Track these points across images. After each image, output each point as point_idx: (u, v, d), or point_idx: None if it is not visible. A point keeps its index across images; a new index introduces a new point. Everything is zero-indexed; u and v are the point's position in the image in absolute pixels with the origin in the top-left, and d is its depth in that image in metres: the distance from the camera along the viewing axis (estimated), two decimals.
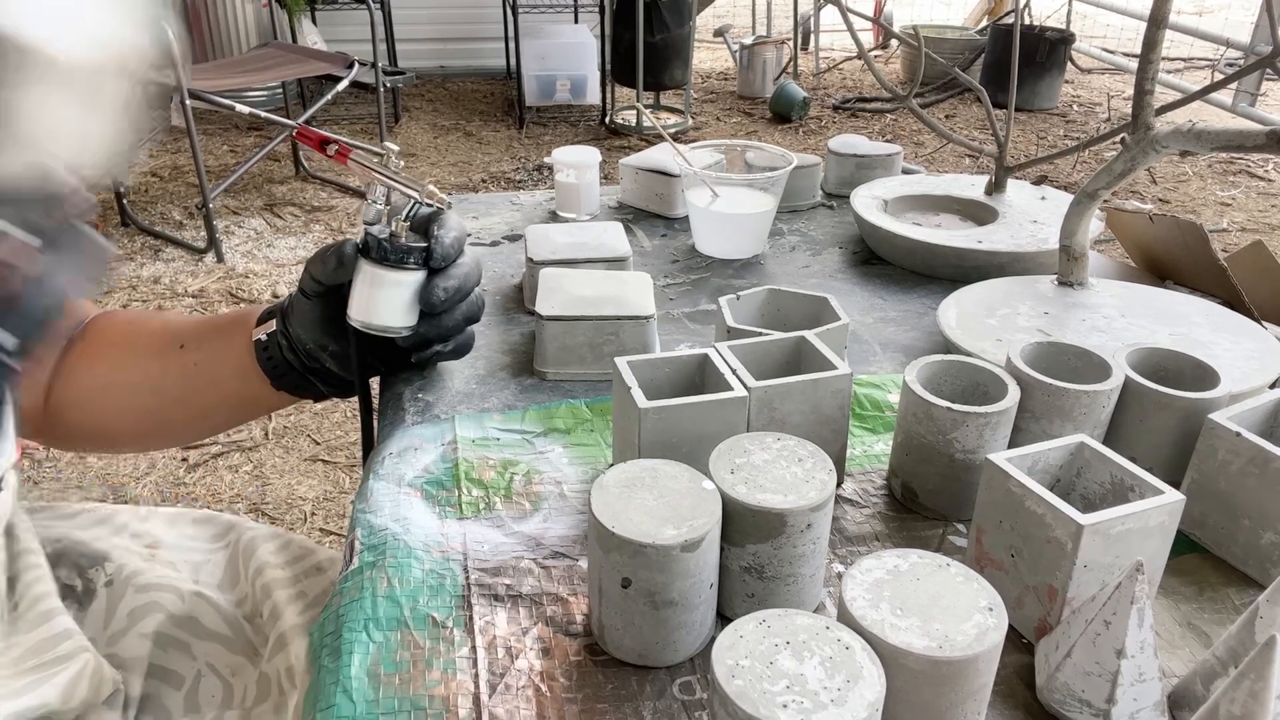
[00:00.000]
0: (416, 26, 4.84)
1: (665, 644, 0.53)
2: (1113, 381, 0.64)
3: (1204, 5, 6.33)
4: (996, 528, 0.55)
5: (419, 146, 4.02)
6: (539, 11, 4.53)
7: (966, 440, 0.62)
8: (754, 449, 0.57)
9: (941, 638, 0.44)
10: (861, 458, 0.71)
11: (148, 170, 3.59)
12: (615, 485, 0.53)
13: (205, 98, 2.87)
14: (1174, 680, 0.52)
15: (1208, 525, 0.62)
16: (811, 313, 0.78)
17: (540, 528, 0.64)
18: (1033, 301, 0.88)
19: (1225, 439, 0.59)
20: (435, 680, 0.52)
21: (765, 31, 5.24)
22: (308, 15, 4.28)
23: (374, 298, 0.69)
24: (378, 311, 0.69)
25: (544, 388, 0.80)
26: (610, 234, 0.98)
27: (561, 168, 1.15)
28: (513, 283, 1.01)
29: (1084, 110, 4.59)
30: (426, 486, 0.67)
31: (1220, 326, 0.83)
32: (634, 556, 0.50)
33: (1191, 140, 0.74)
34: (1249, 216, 3.38)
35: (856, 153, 1.24)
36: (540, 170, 3.74)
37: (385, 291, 0.69)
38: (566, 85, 4.20)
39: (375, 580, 0.59)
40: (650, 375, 0.65)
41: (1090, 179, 0.83)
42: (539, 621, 0.56)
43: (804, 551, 0.54)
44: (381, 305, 0.69)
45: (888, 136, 4.21)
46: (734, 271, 1.05)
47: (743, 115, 4.51)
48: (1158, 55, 0.79)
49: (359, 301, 0.70)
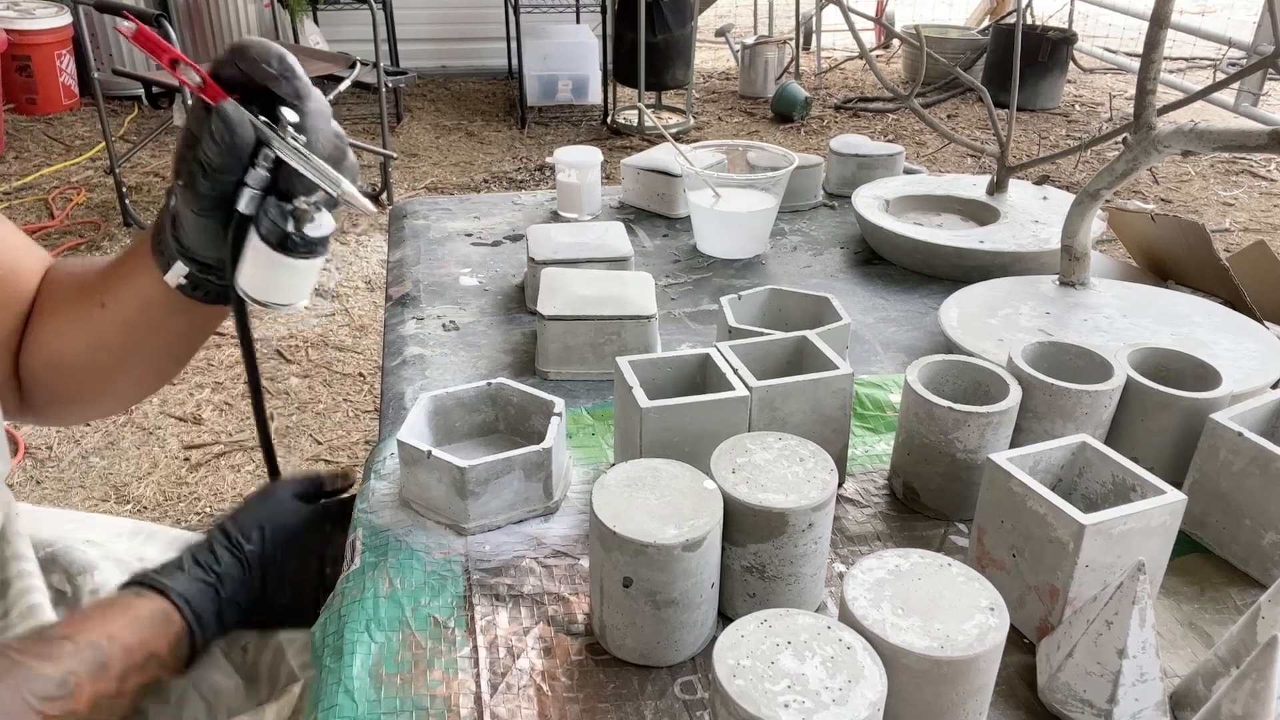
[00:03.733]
0: (418, 26, 4.84)
1: (667, 643, 0.53)
2: (1114, 381, 0.64)
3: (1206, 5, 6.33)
4: (998, 527, 0.55)
5: (421, 146, 4.02)
6: (541, 11, 4.53)
7: (968, 440, 0.62)
8: (755, 448, 0.57)
9: (943, 637, 0.44)
10: (863, 457, 0.71)
11: (149, 169, 3.59)
12: (617, 485, 0.53)
13: None
14: (1175, 680, 0.52)
15: (1209, 525, 0.62)
16: (813, 312, 0.78)
17: (542, 527, 0.64)
18: (1034, 301, 0.88)
19: (1227, 439, 0.59)
20: (437, 680, 0.52)
21: (767, 31, 5.24)
22: (310, 15, 4.28)
23: (274, 279, 0.61)
24: (278, 291, 0.62)
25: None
26: (612, 234, 0.98)
27: (563, 168, 1.15)
28: (514, 283, 1.01)
29: (1086, 110, 4.59)
30: None
31: (1222, 327, 0.83)
32: (635, 556, 0.50)
33: (1193, 140, 0.74)
34: (1251, 216, 3.38)
35: (858, 153, 1.24)
36: (542, 170, 3.74)
37: (289, 275, 0.61)
38: (568, 85, 4.20)
39: (377, 580, 0.59)
40: (652, 375, 0.65)
41: (1092, 179, 0.83)
42: (540, 621, 0.56)
43: (805, 551, 0.54)
44: (284, 287, 0.61)
45: (889, 136, 4.21)
46: (735, 271, 1.05)
47: (744, 115, 4.51)
48: (1160, 55, 0.79)
49: (259, 282, 0.61)
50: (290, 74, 0.55)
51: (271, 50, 0.55)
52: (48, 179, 3.46)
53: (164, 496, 1.95)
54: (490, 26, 4.91)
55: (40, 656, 0.56)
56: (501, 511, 0.64)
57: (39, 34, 3.94)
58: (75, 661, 0.57)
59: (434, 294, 0.98)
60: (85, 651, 0.58)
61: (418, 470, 0.63)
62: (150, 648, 0.62)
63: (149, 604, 0.63)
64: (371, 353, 2.47)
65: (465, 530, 0.63)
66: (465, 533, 0.63)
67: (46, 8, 4.01)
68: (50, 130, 3.94)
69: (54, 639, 0.58)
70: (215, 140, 0.55)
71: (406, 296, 0.98)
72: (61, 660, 0.57)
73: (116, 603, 0.63)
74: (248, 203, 0.58)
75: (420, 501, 0.65)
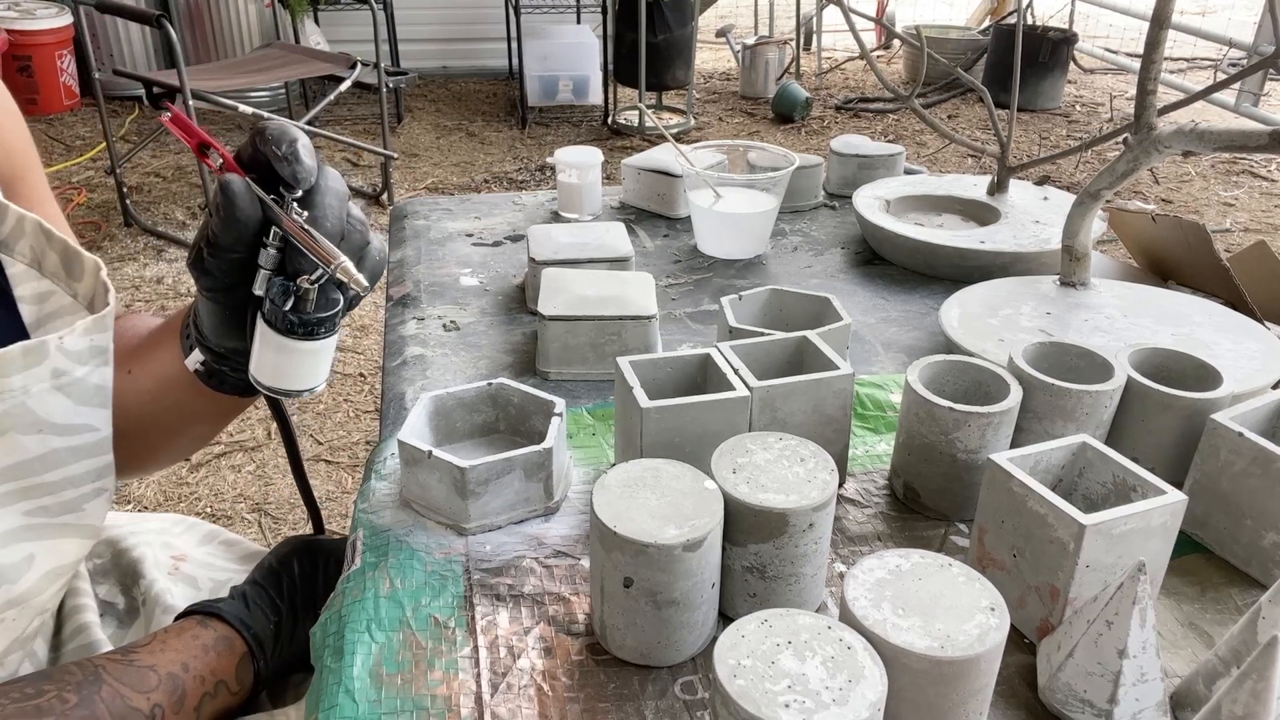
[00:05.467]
0: (419, 27, 4.84)
1: (667, 643, 0.53)
2: (1115, 382, 0.64)
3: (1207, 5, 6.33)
4: (998, 528, 0.55)
5: (421, 147, 4.02)
6: (541, 12, 4.53)
7: (969, 440, 0.62)
8: (756, 449, 0.57)
9: (943, 638, 0.44)
10: (863, 458, 0.71)
11: (150, 170, 3.59)
12: (617, 485, 0.54)
13: (208, 98, 2.88)
14: (1176, 680, 0.52)
15: (1210, 525, 0.62)
16: (813, 313, 0.78)
17: (542, 527, 0.64)
18: (1035, 302, 0.88)
19: (1228, 439, 0.59)
20: (437, 680, 0.52)
21: (767, 32, 5.24)
22: (310, 15, 4.28)
23: (282, 364, 0.58)
24: (288, 377, 0.58)
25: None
26: (612, 234, 0.98)
27: (564, 168, 1.15)
28: (515, 283, 1.01)
29: (1086, 110, 4.59)
30: None
31: (1223, 327, 0.83)
32: (636, 556, 0.50)
33: (1194, 140, 0.74)
34: (1252, 217, 3.38)
35: (859, 153, 1.24)
36: (543, 170, 3.74)
37: (296, 359, 0.58)
38: (569, 85, 4.20)
39: (377, 580, 0.59)
40: (652, 375, 0.65)
41: (1093, 179, 0.83)
42: (541, 621, 0.56)
43: (806, 551, 0.54)
44: (293, 372, 0.58)
45: (890, 137, 4.21)
46: (736, 271, 1.05)
47: (745, 115, 4.51)
48: (1160, 55, 0.79)
49: (266, 367, 0.58)
50: (293, 157, 0.54)
51: (286, 133, 0.55)
52: (48, 179, 3.46)
53: (165, 497, 1.95)
54: (491, 27, 4.91)
55: (131, 685, 0.58)
56: (502, 511, 0.64)
57: (40, 34, 3.95)
58: (160, 694, 0.59)
59: (434, 294, 0.98)
60: (167, 683, 0.60)
61: (418, 470, 0.63)
62: (220, 675, 0.63)
63: (212, 632, 0.65)
64: (372, 353, 2.47)
65: (466, 530, 0.63)
66: (466, 533, 0.63)
67: (47, 8, 4.02)
68: (51, 130, 3.94)
69: (140, 667, 0.59)
70: (218, 214, 0.54)
71: (407, 297, 0.99)
72: (150, 692, 0.58)
73: (184, 630, 0.64)
74: (260, 284, 0.57)
75: (421, 501, 0.65)
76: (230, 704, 0.65)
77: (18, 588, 0.56)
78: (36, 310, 0.58)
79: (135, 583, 0.78)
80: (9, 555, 0.55)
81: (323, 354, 0.59)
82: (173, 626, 0.66)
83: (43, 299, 0.59)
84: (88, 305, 0.59)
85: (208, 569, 0.82)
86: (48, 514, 0.57)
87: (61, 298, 0.59)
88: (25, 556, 0.56)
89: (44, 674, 0.57)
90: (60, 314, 0.59)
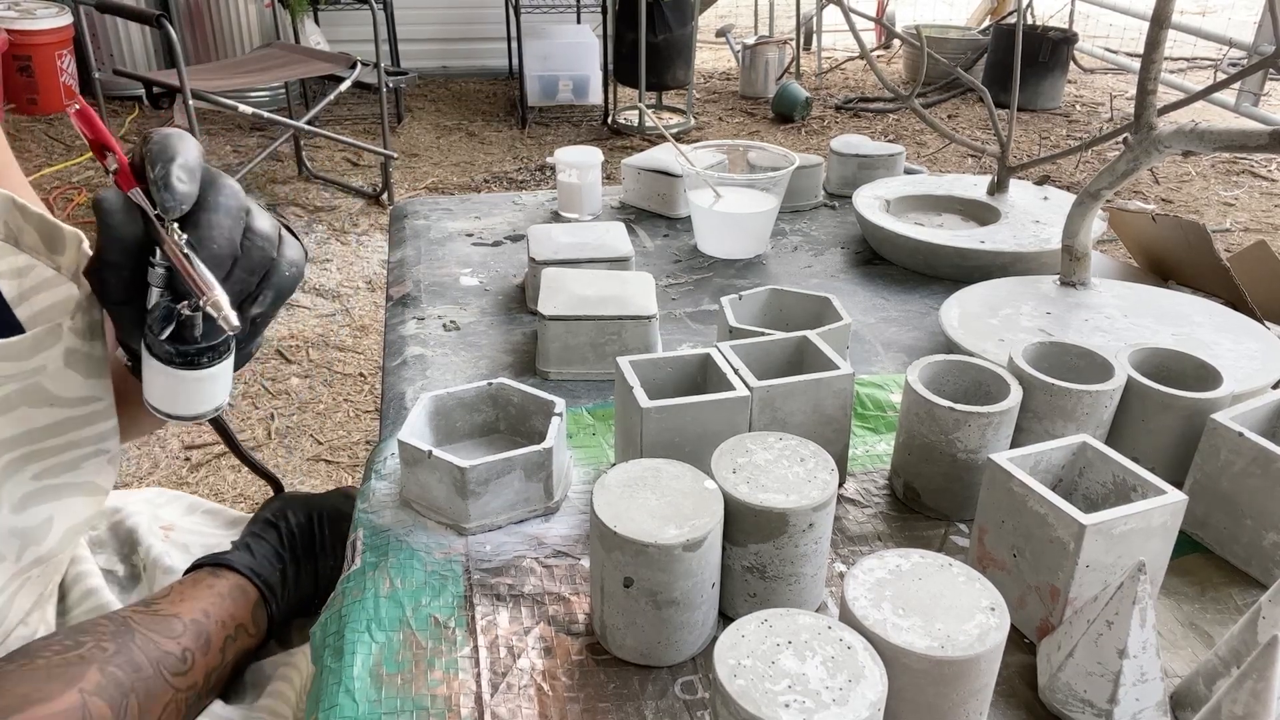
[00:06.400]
0: (419, 27, 4.84)
1: (667, 643, 0.53)
2: (1115, 382, 0.64)
3: (1207, 5, 6.33)
4: (999, 528, 0.55)
5: (421, 147, 4.02)
6: (541, 12, 4.53)
7: (969, 440, 0.62)
8: (756, 449, 0.57)
9: (943, 638, 0.44)
10: (864, 457, 0.71)
11: None
12: (617, 485, 0.54)
13: (208, 98, 2.88)
14: (1176, 680, 0.52)
15: (1210, 525, 0.62)
16: (813, 312, 0.78)
17: (542, 527, 0.64)
18: (1035, 301, 0.88)
19: (1228, 439, 0.59)
20: (437, 680, 0.52)
21: (767, 31, 5.24)
22: (310, 15, 4.28)
23: (172, 390, 0.55)
24: (180, 404, 0.56)
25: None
26: (612, 234, 0.98)
27: (564, 168, 1.15)
28: (515, 283, 1.01)
29: (1087, 110, 4.59)
30: None
31: (1223, 327, 0.83)
32: (636, 556, 0.50)
33: (1194, 140, 0.74)
34: (1252, 216, 3.38)
35: (859, 153, 1.24)
36: (542, 170, 3.74)
37: (183, 385, 0.55)
38: (569, 85, 4.20)
39: (377, 580, 0.59)
40: (652, 375, 0.65)
41: (1093, 179, 0.83)
42: (541, 621, 0.56)
43: (806, 551, 0.54)
44: (184, 399, 0.55)
45: (890, 136, 4.20)
46: (736, 271, 1.05)
47: (745, 115, 4.51)
48: (1160, 55, 0.79)
49: (156, 391, 0.55)
50: (163, 182, 0.50)
51: (165, 152, 0.51)
52: (49, 179, 3.47)
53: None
54: (491, 27, 4.91)
55: (160, 633, 0.60)
56: (502, 511, 0.64)
57: (40, 34, 3.95)
58: (188, 639, 0.62)
59: (434, 294, 0.98)
60: (192, 629, 0.63)
61: (418, 470, 0.63)
62: (238, 619, 0.67)
63: (225, 581, 0.68)
64: (372, 353, 2.47)
65: (466, 530, 0.63)
66: (466, 533, 0.63)
67: (47, 8, 4.02)
68: (51, 130, 3.94)
69: (165, 616, 0.62)
70: (97, 230, 0.52)
71: (407, 296, 0.99)
72: (179, 638, 0.61)
73: (199, 581, 0.68)
74: (151, 300, 0.53)
75: (421, 501, 0.65)
76: (250, 645, 0.68)
77: (44, 546, 0.58)
78: (17, 284, 0.57)
79: (134, 550, 0.79)
80: (32, 518, 0.57)
81: (213, 380, 0.56)
82: (186, 579, 0.68)
83: (22, 273, 0.57)
84: (72, 278, 0.59)
85: (197, 535, 0.84)
86: (51, 475, 0.58)
87: (43, 270, 0.58)
88: (45, 518, 0.58)
89: (77, 628, 0.59)
90: (43, 287, 0.58)
